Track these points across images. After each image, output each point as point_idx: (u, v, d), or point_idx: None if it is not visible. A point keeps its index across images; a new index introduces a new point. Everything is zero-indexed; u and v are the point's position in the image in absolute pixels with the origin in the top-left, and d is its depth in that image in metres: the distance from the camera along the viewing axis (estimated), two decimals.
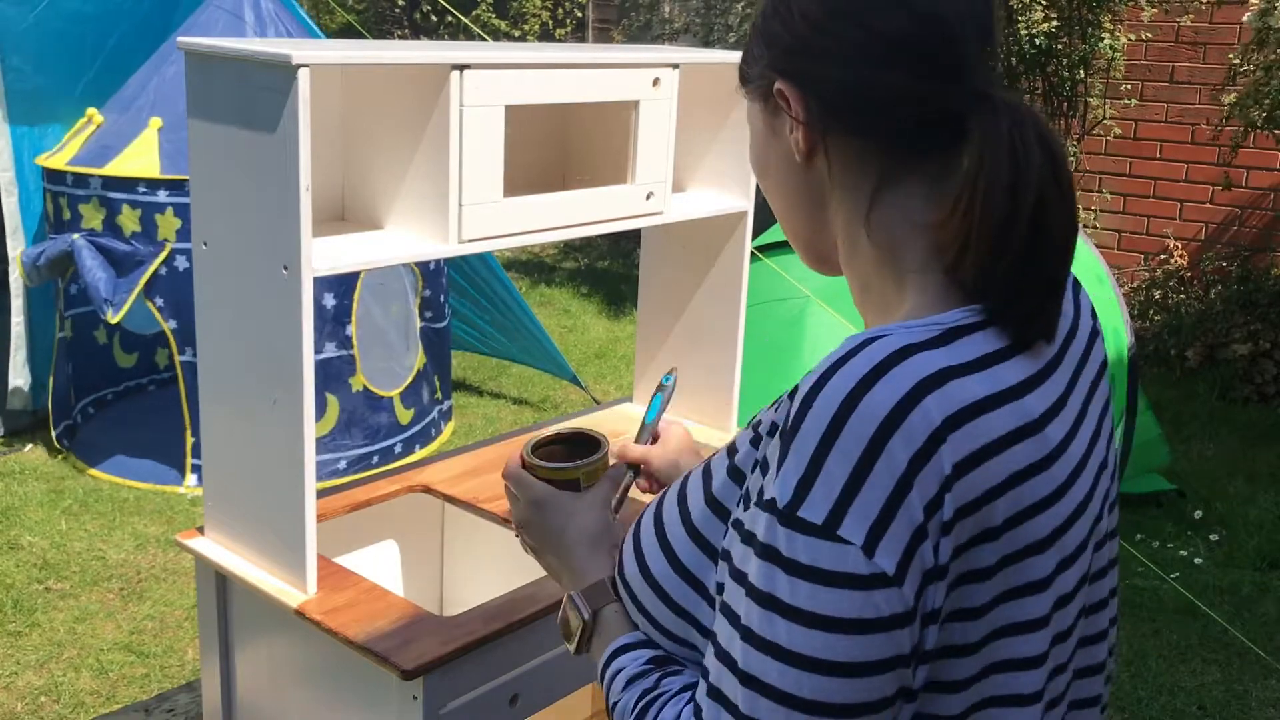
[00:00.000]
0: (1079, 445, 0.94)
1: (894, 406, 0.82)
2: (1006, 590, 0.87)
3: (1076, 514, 0.93)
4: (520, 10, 9.20)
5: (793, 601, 0.82)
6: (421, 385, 4.67)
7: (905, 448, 0.81)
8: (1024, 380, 0.89)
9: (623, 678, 0.99)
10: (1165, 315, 6.09)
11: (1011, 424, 0.86)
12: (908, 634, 0.83)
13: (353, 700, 1.62)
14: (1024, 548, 0.87)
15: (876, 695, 0.83)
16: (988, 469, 0.84)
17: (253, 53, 1.52)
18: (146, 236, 4.03)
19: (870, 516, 0.81)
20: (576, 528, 1.15)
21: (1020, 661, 0.90)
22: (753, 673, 0.84)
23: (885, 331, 0.87)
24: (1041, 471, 0.88)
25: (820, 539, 0.81)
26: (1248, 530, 4.09)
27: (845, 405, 0.82)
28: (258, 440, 1.66)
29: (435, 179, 1.71)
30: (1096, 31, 5.72)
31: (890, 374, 0.83)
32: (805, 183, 0.99)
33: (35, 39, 4.41)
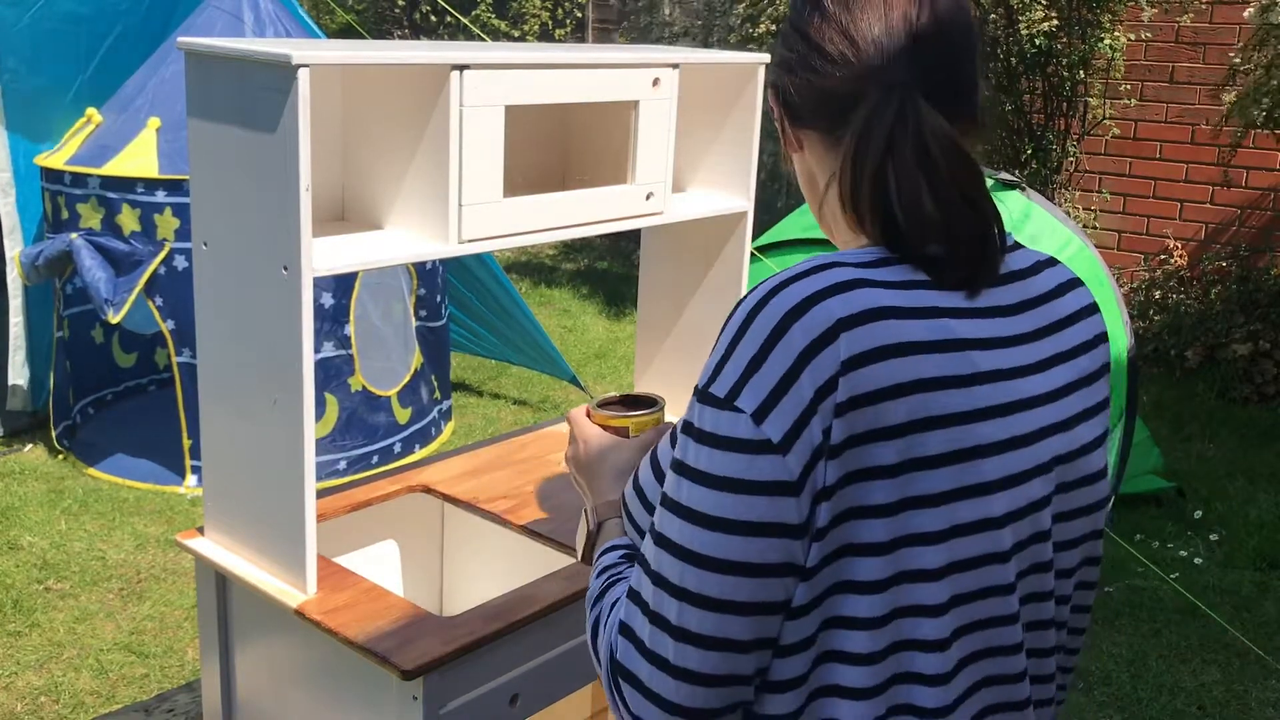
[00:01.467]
0: (1025, 386, 1.01)
1: (801, 300, 0.94)
2: (911, 497, 0.94)
3: (1002, 446, 0.98)
4: (520, 10, 9.19)
5: (695, 464, 0.95)
6: (419, 385, 4.67)
7: (804, 335, 0.93)
8: (950, 307, 0.99)
9: (600, 567, 1.12)
10: (1165, 315, 6.09)
11: (924, 335, 0.96)
12: (793, 504, 0.92)
13: (353, 700, 1.62)
14: (931, 456, 0.94)
15: (759, 558, 0.92)
16: (885, 368, 0.93)
17: (253, 53, 1.52)
18: (145, 236, 4.03)
19: (763, 391, 0.92)
20: (611, 461, 1.30)
21: (921, 573, 0.95)
22: (663, 531, 0.97)
23: (824, 255, 1.00)
24: (956, 387, 0.96)
25: (720, 409, 0.94)
26: (1248, 530, 4.08)
27: (762, 300, 0.96)
28: (258, 440, 1.66)
29: (435, 179, 1.71)
30: (1096, 31, 5.71)
31: (809, 278, 0.96)
32: (802, 169, 1.15)
33: (31, 40, 4.41)
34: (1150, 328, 6.06)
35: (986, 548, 0.98)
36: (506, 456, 2.15)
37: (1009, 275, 1.06)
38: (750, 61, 2.11)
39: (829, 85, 1.05)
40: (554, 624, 1.66)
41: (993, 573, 0.99)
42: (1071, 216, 6.17)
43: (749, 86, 2.12)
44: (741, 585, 0.92)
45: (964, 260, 1.00)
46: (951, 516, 0.96)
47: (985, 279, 1.02)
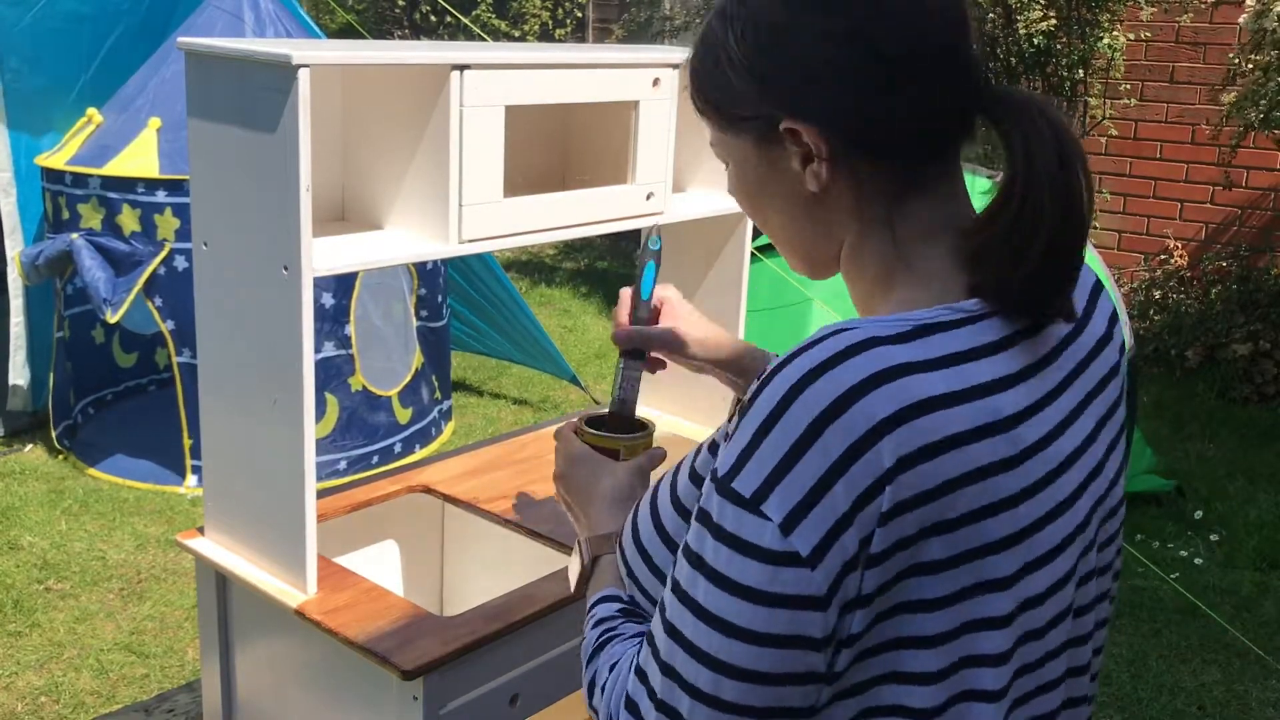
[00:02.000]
0: (1063, 445, 0.94)
1: (838, 397, 0.84)
2: (970, 585, 0.88)
3: (1052, 515, 0.93)
4: (520, 10, 9.19)
5: (714, 564, 0.87)
6: (420, 385, 4.67)
7: (842, 439, 0.83)
8: (996, 379, 0.89)
9: (594, 619, 1.09)
10: (1165, 315, 6.09)
11: (973, 421, 0.87)
12: (818, 619, 0.85)
13: (353, 700, 1.62)
14: (986, 545, 0.88)
15: (774, 668, 0.86)
16: (941, 463, 0.85)
17: (253, 53, 1.52)
18: (146, 236, 4.03)
19: (792, 500, 0.84)
20: (607, 485, 1.23)
21: (984, 658, 0.90)
22: (675, 624, 0.90)
23: (855, 324, 0.89)
24: (1008, 470, 0.89)
25: (745, 510, 0.85)
26: (1248, 530, 4.09)
27: (794, 389, 0.85)
28: (258, 440, 1.66)
29: (435, 179, 1.71)
30: (1095, 31, 5.71)
31: (845, 364, 0.85)
32: (812, 208, 0.98)
33: (32, 40, 4.41)
34: (1150, 328, 6.06)
35: (1044, 616, 0.95)
36: (506, 456, 2.15)
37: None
38: None
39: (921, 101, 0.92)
40: (554, 624, 1.66)
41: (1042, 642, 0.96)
42: None
43: None
44: (760, 692, 0.87)
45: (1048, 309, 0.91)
46: (1018, 596, 0.91)
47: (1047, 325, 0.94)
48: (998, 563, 0.89)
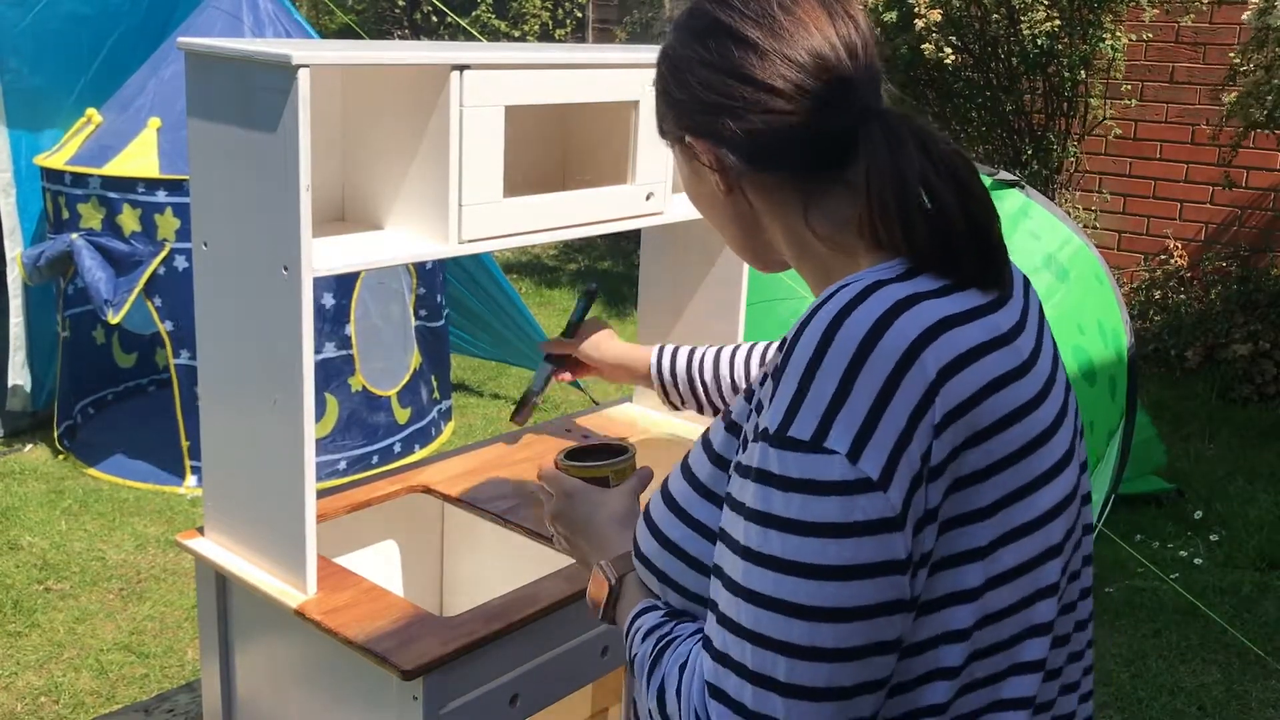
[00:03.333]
0: (1044, 364, 1.02)
1: (872, 325, 0.90)
2: (1008, 493, 0.94)
3: (1056, 424, 1.00)
4: (520, 10, 9.19)
5: (786, 514, 0.89)
6: (419, 384, 4.67)
7: (885, 360, 0.89)
8: (985, 303, 0.98)
9: (642, 632, 1.06)
10: (1165, 315, 6.09)
11: (983, 335, 0.95)
12: (900, 539, 0.88)
13: (353, 700, 1.62)
14: (1016, 450, 0.94)
15: (870, 599, 0.88)
16: (968, 374, 0.92)
17: (253, 53, 1.52)
18: (146, 236, 4.04)
19: (854, 426, 0.88)
20: (608, 511, 1.25)
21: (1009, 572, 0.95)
22: (754, 587, 0.90)
23: (858, 276, 0.97)
24: (1018, 379, 0.96)
25: (808, 453, 0.89)
26: (1248, 530, 4.08)
27: (828, 331, 0.91)
28: (258, 440, 1.66)
29: (435, 179, 1.71)
30: (1097, 32, 5.71)
31: (866, 302, 0.93)
32: (735, 210, 1.11)
33: (33, 40, 4.41)
34: (1150, 328, 6.06)
35: (1062, 529, 0.99)
36: (506, 456, 2.15)
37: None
38: None
39: (798, 123, 1.02)
40: (554, 624, 1.66)
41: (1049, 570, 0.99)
42: (1072, 216, 6.17)
43: None
44: (856, 630, 0.88)
45: (983, 257, 0.99)
46: (1038, 505, 0.96)
47: (1002, 271, 1.01)
48: (1020, 471, 0.94)
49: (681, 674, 0.98)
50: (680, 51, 1.08)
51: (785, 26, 1.03)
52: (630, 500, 1.26)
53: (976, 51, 6.00)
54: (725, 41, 1.04)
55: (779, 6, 1.03)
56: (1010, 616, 0.96)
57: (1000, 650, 0.96)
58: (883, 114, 1.02)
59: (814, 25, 1.03)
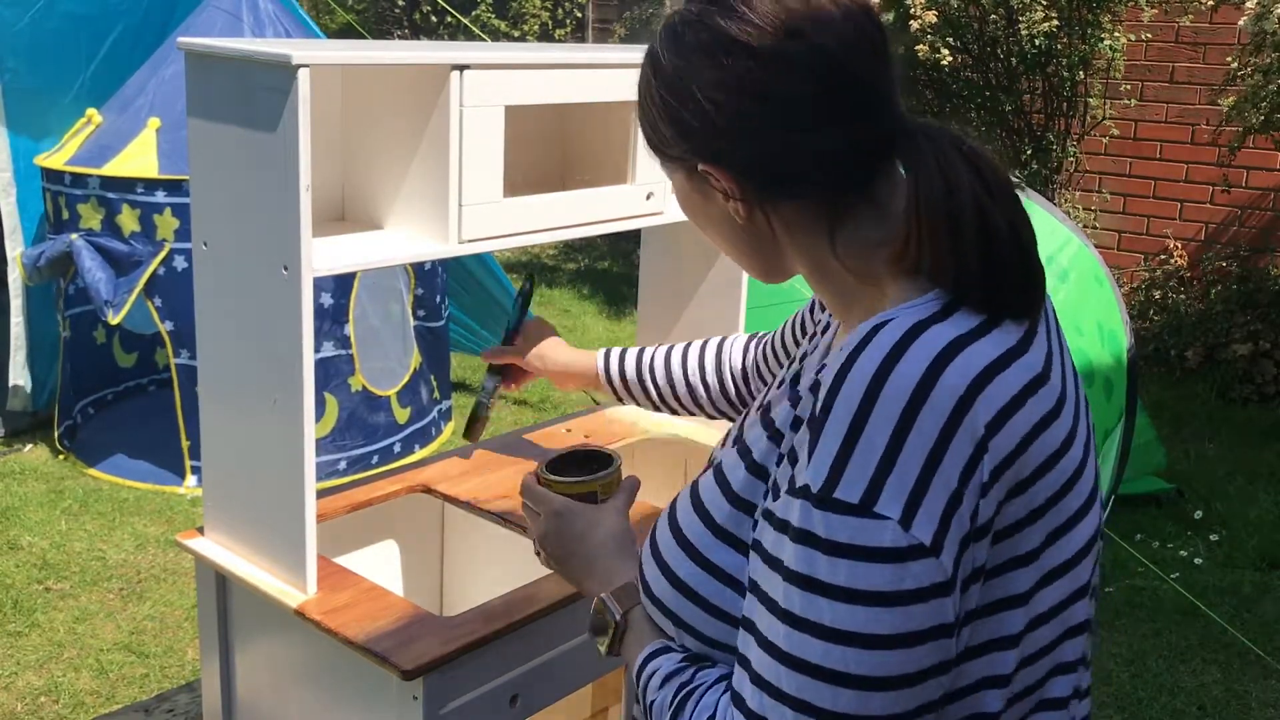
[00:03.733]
0: (1070, 391, 0.98)
1: (919, 380, 0.85)
2: (1047, 535, 0.91)
3: (1085, 458, 0.96)
4: (520, 10, 9.19)
5: (833, 580, 0.85)
6: (419, 384, 4.67)
7: (935, 418, 0.84)
8: (1020, 340, 0.92)
9: (659, 676, 1.01)
10: (1165, 315, 6.09)
11: (1024, 378, 0.89)
12: (950, 603, 0.85)
13: (353, 700, 1.62)
14: (1055, 493, 0.91)
15: (920, 665, 0.85)
16: (1013, 425, 0.87)
17: (253, 53, 1.52)
18: (145, 236, 4.03)
19: (905, 490, 0.83)
20: (602, 533, 1.17)
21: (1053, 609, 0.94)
22: (797, 654, 0.86)
23: (891, 315, 0.90)
24: (1056, 419, 0.91)
25: (857, 517, 0.84)
26: (1248, 530, 4.08)
27: (873, 385, 0.85)
28: (258, 440, 1.66)
29: (435, 179, 1.71)
30: (1096, 32, 5.71)
31: (910, 351, 0.86)
32: (752, 234, 1.02)
33: (32, 40, 4.41)
34: (1150, 328, 6.06)
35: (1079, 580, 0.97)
36: (506, 456, 2.15)
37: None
38: None
39: (825, 141, 0.94)
40: (554, 624, 1.66)
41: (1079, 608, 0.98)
42: (1071, 216, 6.17)
43: None
44: (906, 696, 0.85)
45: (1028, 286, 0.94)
46: (1072, 545, 0.94)
47: (1041, 299, 0.96)
48: (1061, 509, 0.92)
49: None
50: (689, 72, 0.97)
51: (804, 33, 0.93)
52: (622, 519, 1.19)
53: (975, 52, 6.00)
54: (747, 61, 0.94)
55: (790, 13, 0.94)
56: (1043, 658, 0.95)
57: (1031, 692, 0.95)
58: (924, 126, 0.95)
59: (833, 31, 0.94)
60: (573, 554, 1.19)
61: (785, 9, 0.94)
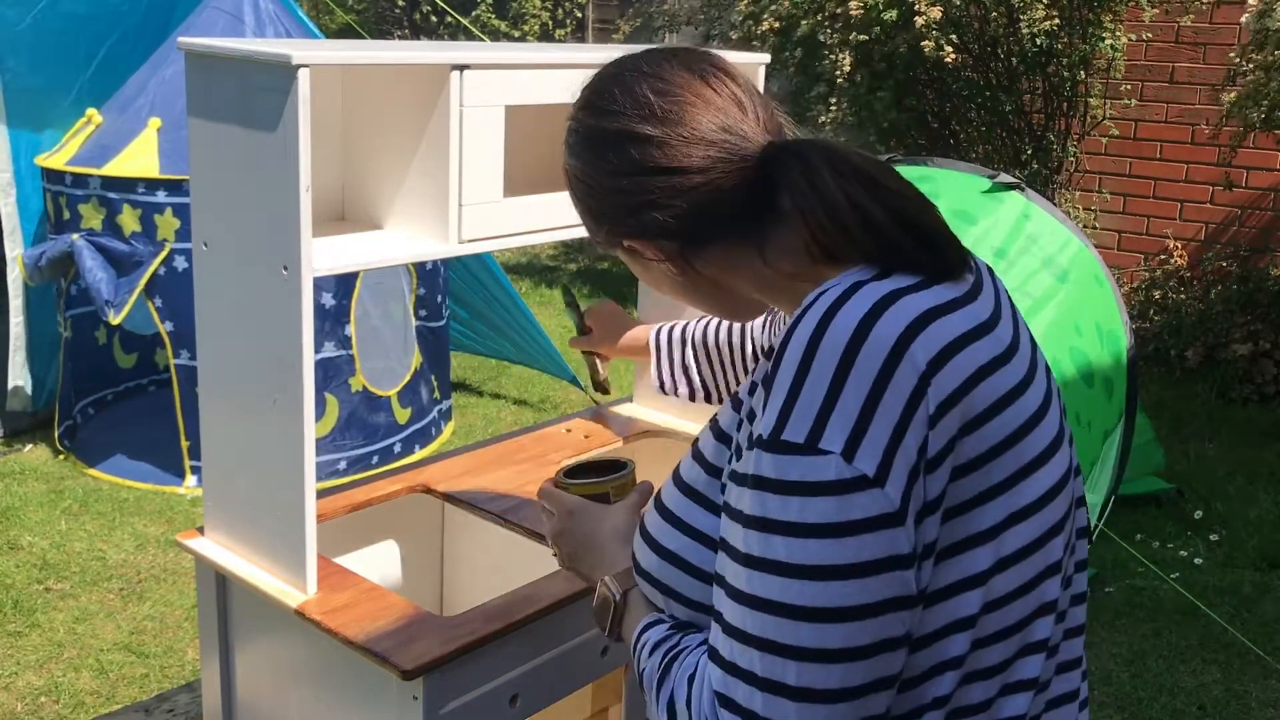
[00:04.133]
0: (1025, 349, 1.02)
1: (858, 323, 0.91)
2: (1008, 475, 0.95)
3: (1044, 406, 1.00)
4: (520, 10, 9.19)
5: (784, 517, 0.90)
6: (419, 384, 4.67)
7: (874, 357, 0.90)
8: (959, 296, 0.98)
9: (649, 645, 1.06)
10: (1165, 315, 6.09)
11: (965, 324, 0.95)
12: (902, 533, 0.89)
13: (353, 700, 1.62)
14: (1011, 434, 0.95)
15: (875, 597, 0.89)
16: (957, 363, 0.92)
17: (253, 53, 1.52)
18: (146, 236, 4.03)
19: (848, 425, 0.89)
20: (610, 527, 1.24)
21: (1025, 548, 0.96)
22: (758, 594, 0.91)
23: (835, 281, 0.98)
24: (1003, 365, 0.96)
25: (803, 455, 0.89)
26: (1248, 530, 4.08)
27: (814, 335, 0.92)
28: (258, 440, 1.66)
29: (435, 179, 1.71)
30: (1097, 31, 5.71)
31: (850, 301, 0.93)
32: (696, 284, 1.12)
33: (33, 40, 4.41)
34: (1150, 328, 6.06)
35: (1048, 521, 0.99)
36: (506, 456, 2.15)
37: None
38: (750, 61, 2.11)
39: (719, 189, 1.05)
40: (554, 624, 1.66)
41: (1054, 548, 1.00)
42: (1071, 216, 6.17)
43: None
44: (865, 629, 0.88)
45: (930, 248, 1.00)
46: (1038, 486, 0.97)
47: (964, 259, 1.03)
48: (1012, 457, 0.95)
49: (690, 686, 0.98)
50: (585, 169, 1.11)
51: (669, 109, 1.05)
52: (632, 515, 1.25)
53: (976, 51, 6.00)
54: (623, 145, 1.07)
55: (655, 94, 1.06)
56: (1019, 599, 0.97)
57: (1010, 634, 0.97)
58: (787, 145, 1.05)
59: (694, 97, 1.06)
60: (581, 547, 1.26)
61: (644, 97, 1.06)
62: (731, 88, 1.08)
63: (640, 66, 1.10)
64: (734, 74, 1.10)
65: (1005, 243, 3.65)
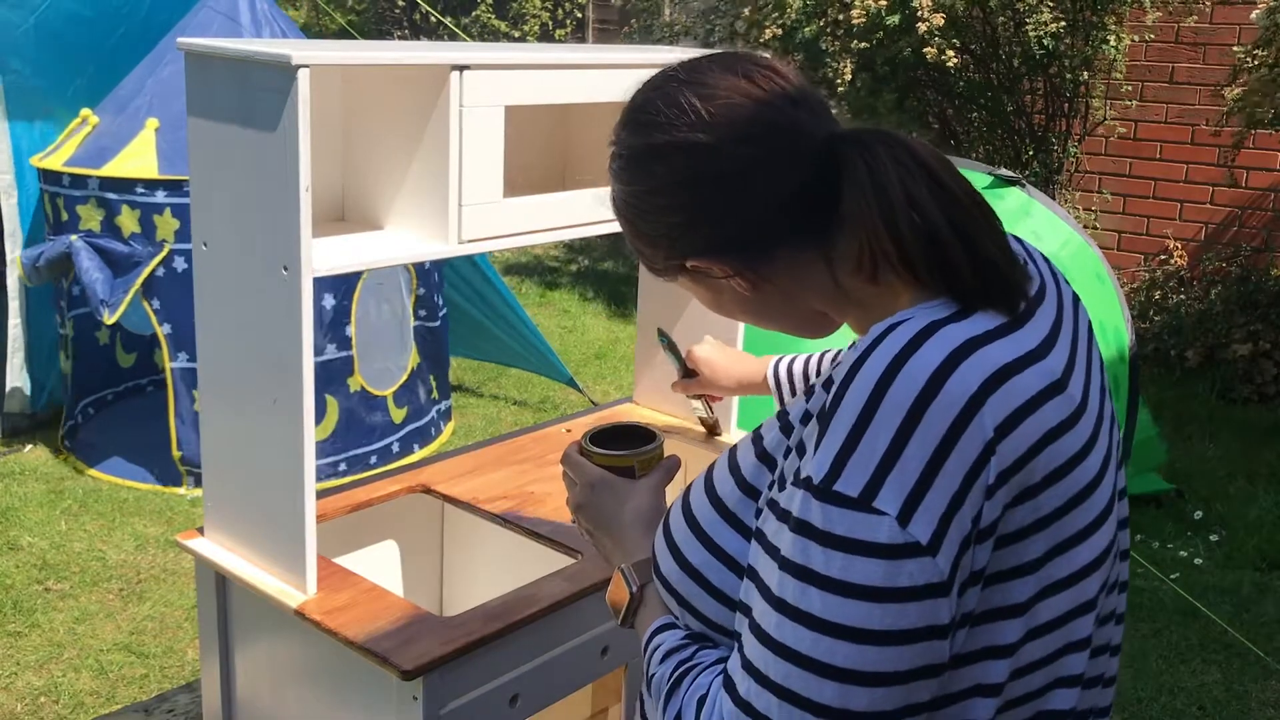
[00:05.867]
0: (1093, 401, 0.97)
1: (930, 377, 0.85)
2: (1052, 546, 0.90)
3: (1101, 471, 0.95)
4: (520, 11, 9.19)
5: (826, 572, 0.85)
6: (416, 384, 4.67)
7: (943, 416, 0.84)
8: (1041, 342, 0.92)
9: (661, 651, 1.03)
10: (1165, 315, 6.09)
11: (1040, 383, 0.89)
12: (945, 604, 0.85)
13: (353, 700, 1.62)
14: (1064, 504, 0.90)
15: (908, 665, 0.85)
16: (1025, 429, 0.87)
17: (253, 53, 1.52)
18: (145, 237, 4.03)
19: (906, 487, 0.84)
20: (632, 508, 1.19)
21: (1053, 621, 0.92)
22: (786, 643, 0.87)
23: (908, 315, 0.91)
24: (1071, 428, 0.91)
25: (855, 510, 0.84)
26: (1248, 530, 4.08)
27: (883, 380, 0.86)
28: (258, 440, 1.66)
29: (435, 179, 1.71)
30: (1100, 33, 5.71)
31: (923, 347, 0.87)
32: (769, 300, 1.07)
33: (34, 41, 4.41)
34: (1150, 328, 6.06)
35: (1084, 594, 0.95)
36: (506, 456, 2.15)
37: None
38: None
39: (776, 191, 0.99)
40: (554, 624, 1.66)
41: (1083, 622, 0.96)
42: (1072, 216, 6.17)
43: None
44: (891, 695, 0.85)
45: (1015, 286, 0.94)
46: (1076, 560, 0.92)
47: (1033, 298, 0.96)
48: (1068, 522, 0.91)
49: (699, 709, 0.95)
50: (634, 192, 1.06)
51: (714, 114, 1.00)
52: (656, 496, 1.21)
53: (978, 52, 6.00)
54: (672, 157, 1.02)
55: (700, 99, 1.01)
56: (1041, 669, 0.94)
57: (1028, 700, 0.95)
58: (847, 135, 0.99)
59: (741, 97, 1.01)
60: (601, 527, 1.21)
61: (688, 104, 1.01)
62: (779, 82, 1.02)
63: (679, 75, 1.04)
64: (779, 70, 1.03)
65: None
